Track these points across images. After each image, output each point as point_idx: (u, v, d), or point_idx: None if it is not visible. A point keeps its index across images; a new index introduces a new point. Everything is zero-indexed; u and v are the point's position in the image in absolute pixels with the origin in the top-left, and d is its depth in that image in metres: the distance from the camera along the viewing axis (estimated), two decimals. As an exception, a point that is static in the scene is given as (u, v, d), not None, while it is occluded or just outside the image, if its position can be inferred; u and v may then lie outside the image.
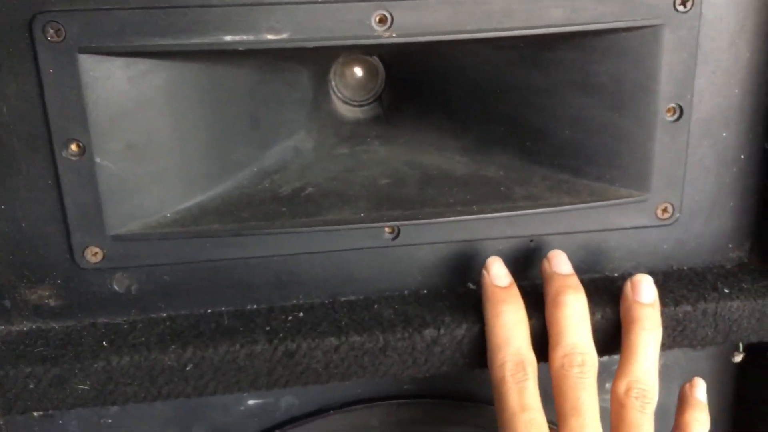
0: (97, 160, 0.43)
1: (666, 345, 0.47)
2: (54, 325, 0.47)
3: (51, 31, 0.40)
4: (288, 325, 0.46)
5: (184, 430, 0.51)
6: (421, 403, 0.52)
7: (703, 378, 0.54)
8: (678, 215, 0.49)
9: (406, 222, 0.46)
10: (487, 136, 0.50)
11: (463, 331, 0.46)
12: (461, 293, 0.49)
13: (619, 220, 0.48)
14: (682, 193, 0.48)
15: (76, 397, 0.44)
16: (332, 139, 0.53)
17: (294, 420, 0.51)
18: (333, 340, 0.45)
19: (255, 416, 0.51)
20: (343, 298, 0.49)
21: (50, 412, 0.48)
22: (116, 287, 0.47)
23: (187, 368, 0.44)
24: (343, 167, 0.50)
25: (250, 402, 0.51)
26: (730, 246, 0.51)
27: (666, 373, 0.54)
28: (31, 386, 0.43)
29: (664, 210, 0.48)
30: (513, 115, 0.49)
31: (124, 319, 0.47)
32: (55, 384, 0.43)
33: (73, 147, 0.42)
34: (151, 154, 0.44)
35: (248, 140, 0.48)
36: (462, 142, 0.51)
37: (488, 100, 0.49)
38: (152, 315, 0.48)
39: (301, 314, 0.47)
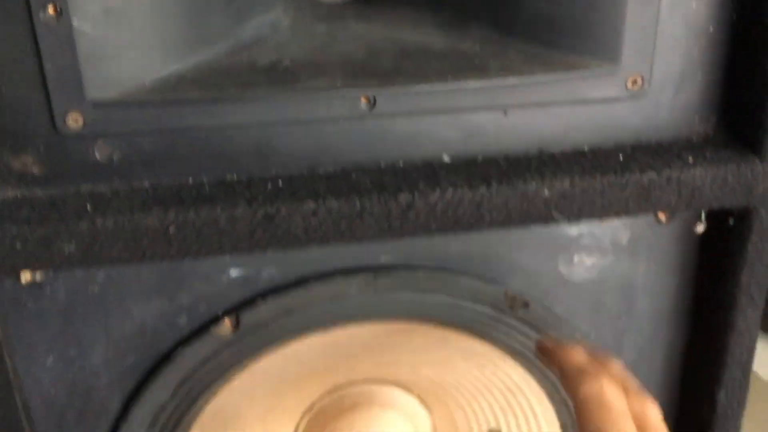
0: (75, 23, 0.43)
1: (632, 211, 0.49)
2: (39, 193, 0.48)
3: None
4: (268, 192, 0.47)
5: (169, 299, 0.53)
6: (397, 273, 0.54)
7: (668, 252, 0.56)
8: (647, 87, 0.50)
9: (381, 90, 0.47)
10: (463, 10, 0.51)
11: (436, 197, 0.47)
12: (436, 165, 0.51)
13: (590, 92, 0.49)
14: (651, 64, 0.49)
15: (63, 258, 0.45)
16: (309, 17, 0.53)
17: (275, 290, 0.53)
18: (311, 204, 0.46)
19: (238, 286, 0.53)
20: (321, 170, 0.50)
21: (38, 280, 0.50)
22: (98, 155, 0.48)
23: (170, 230, 0.46)
24: (319, 42, 0.51)
25: (233, 273, 0.53)
26: (697, 119, 0.52)
27: (632, 248, 0.56)
28: (18, 246, 0.45)
29: (634, 81, 0.49)
30: (488, -13, 0.49)
31: (107, 187, 0.48)
32: (42, 244, 0.45)
33: (50, 10, 0.43)
34: (129, 20, 0.44)
35: (224, 12, 0.48)
36: (438, 17, 0.52)
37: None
38: (134, 183, 0.49)
39: (280, 183, 0.49)
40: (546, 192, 0.48)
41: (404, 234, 0.48)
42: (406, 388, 0.67)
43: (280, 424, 0.65)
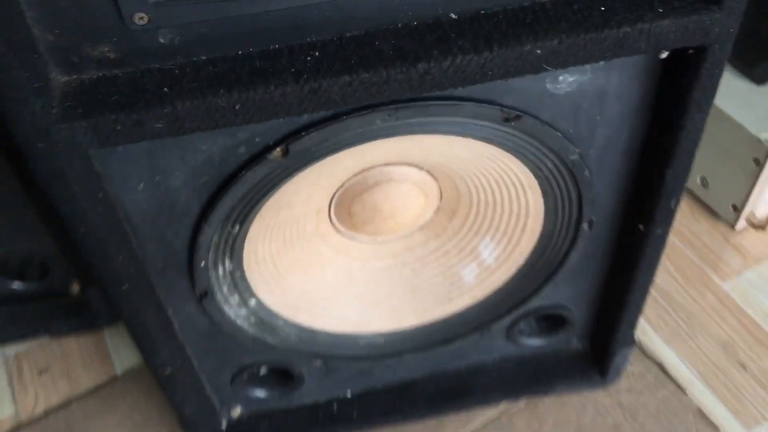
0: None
1: (609, 57, 0.59)
2: (116, 72, 0.58)
3: None
4: (308, 65, 0.57)
5: (231, 137, 0.65)
6: (416, 105, 0.65)
7: (637, 68, 0.67)
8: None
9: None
10: None
11: (448, 63, 0.57)
12: (445, 23, 0.59)
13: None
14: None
15: (154, 133, 0.57)
16: None
17: (317, 123, 0.65)
18: (347, 77, 0.57)
19: (286, 124, 0.65)
20: (348, 35, 0.59)
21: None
22: (162, 40, 0.57)
23: (236, 107, 0.57)
24: None
25: (279, 113, 0.64)
26: (669, -31, 0.59)
27: (607, 66, 0.67)
28: (119, 128, 0.56)
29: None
30: None
31: (172, 64, 0.58)
32: (137, 126, 0.56)
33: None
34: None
35: None
36: None
37: None
38: (194, 59, 0.58)
39: (317, 53, 0.58)
40: (538, 51, 0.58)
41: (422, 92, 0.59)
42: (418, 166, 0.82)
43: (318, 200, 0.81)
